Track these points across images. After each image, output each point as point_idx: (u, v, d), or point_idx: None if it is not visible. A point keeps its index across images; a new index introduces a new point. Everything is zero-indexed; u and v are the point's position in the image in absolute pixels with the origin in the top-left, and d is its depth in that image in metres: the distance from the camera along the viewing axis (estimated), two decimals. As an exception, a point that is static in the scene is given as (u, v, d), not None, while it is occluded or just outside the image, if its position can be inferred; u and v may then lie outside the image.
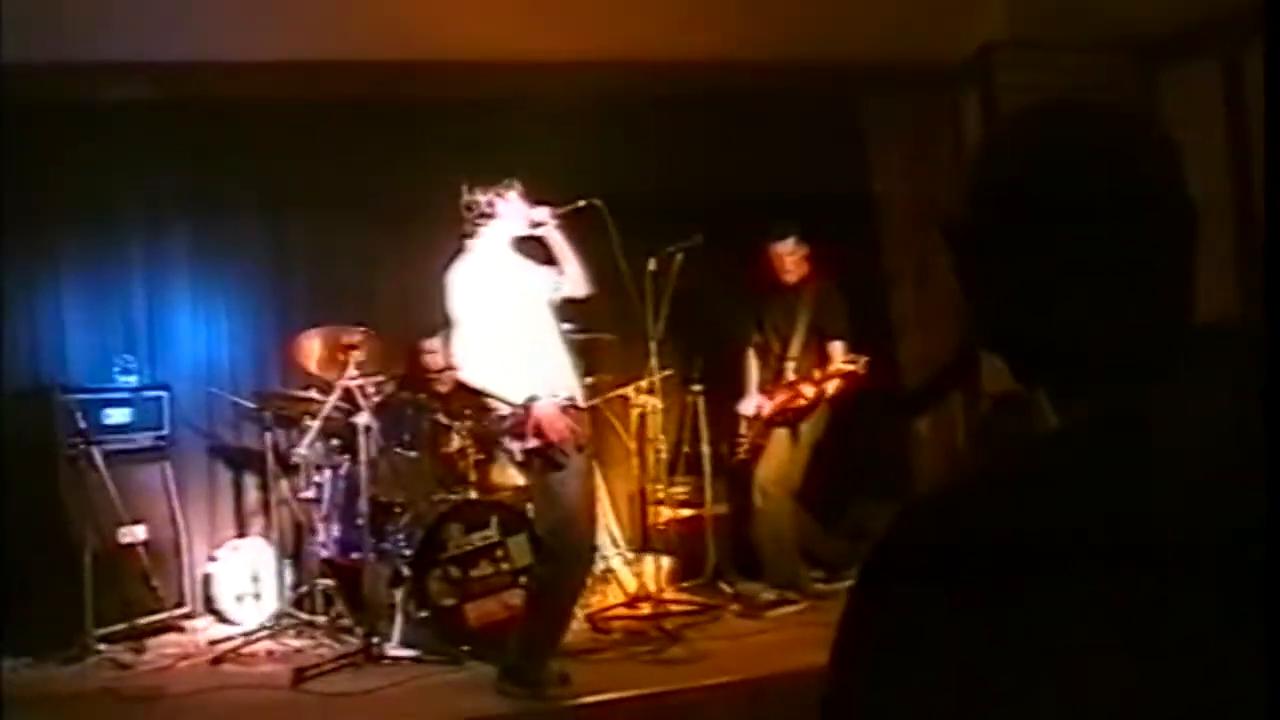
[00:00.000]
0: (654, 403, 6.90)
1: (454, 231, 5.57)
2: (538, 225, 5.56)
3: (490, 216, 5.49)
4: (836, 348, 6.85)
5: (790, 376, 6.92)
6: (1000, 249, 1.20)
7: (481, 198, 5.49)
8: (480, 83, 7.19)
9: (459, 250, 5.54)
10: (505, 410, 5.38)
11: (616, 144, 7.15)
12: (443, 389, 6.93)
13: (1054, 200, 1.17)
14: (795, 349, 6.96)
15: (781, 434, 6.91)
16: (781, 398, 6.91)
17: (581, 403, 5.55)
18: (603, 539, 6.95)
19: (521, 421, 5.29)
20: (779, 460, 6.89)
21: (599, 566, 6.71)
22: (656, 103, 7.27)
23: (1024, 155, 1.21)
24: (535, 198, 5.55)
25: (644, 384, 6.89)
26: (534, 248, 5.68)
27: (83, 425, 6.49)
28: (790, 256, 6.99)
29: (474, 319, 5.38)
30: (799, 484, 6.88)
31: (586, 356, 6.80)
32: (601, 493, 7.16)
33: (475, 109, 7.33)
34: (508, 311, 5.43)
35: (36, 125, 6.67)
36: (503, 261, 5.55)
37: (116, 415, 6.77)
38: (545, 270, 5.66)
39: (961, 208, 1.24)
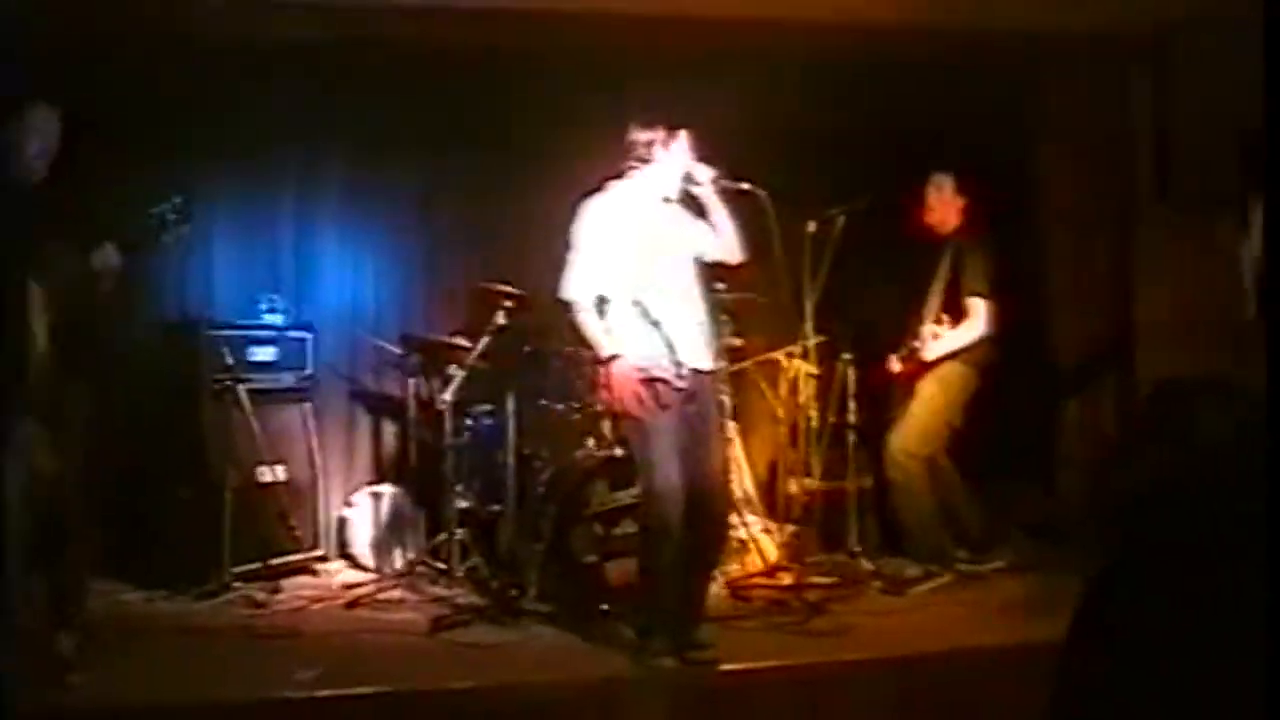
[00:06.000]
0: (807, 369, 6.69)
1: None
2: (695, 184, 5.26)
3: (646, 161, 5.17)
4: (974, 304, 6.51)
5: (923, 336, 6.61)
6: None
7: (642, 137, 5.17)
8: (651, 35, 6.95)
9: (599, 188, 5.27)
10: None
11: (790, 103, 6.97)
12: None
13: None
14: (931, 305, 6.62)
15: (912, 399, 6.64)
16: (906, 358, 6.70)
17: (701, 367, 5.20)
18: (741, 506, 6.78)
19: (598, 376, 5.11)
20: (906, 426, 6.61)
21: (740, 534, 6.55)
22: (828, 62, 7.02)
23: None
24: (700, 155, 5.26)
25: (796, 349, 6.68)
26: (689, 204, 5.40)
27: (228, 362, 6.48)
28: (945, 203, 6.69)
29: (596, 250, 5.13)
30: (930, 451, 6.58)
31: (737, 318, 6.66)
32: (742, 459, 7.02)
33: (645, 61, 7.16)
34: (642, 260, 5.16)
35: (194, 61, 6.65)
36: (649, 208, 5.25)
37: (261, 354, 6.77)
38: (699, 227, 5.35)
39: None
